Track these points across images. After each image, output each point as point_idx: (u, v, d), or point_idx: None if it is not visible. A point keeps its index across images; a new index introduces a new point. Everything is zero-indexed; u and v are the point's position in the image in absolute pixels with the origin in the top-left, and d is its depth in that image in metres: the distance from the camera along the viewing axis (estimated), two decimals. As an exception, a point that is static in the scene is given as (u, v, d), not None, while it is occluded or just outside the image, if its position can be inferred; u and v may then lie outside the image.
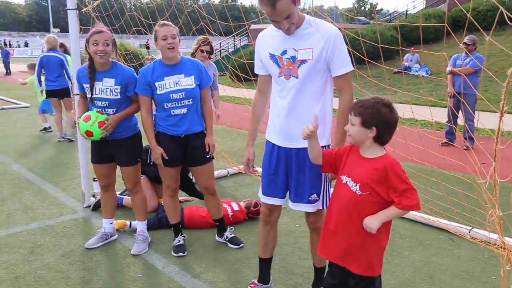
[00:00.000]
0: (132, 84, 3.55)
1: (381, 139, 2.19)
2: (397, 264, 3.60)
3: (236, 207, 4.38)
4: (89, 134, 3.48)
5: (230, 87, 11.48)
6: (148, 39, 42.52)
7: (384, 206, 2.18)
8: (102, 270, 3.49)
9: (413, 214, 4.37)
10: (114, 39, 3.55)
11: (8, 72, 24.64)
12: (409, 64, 17.07)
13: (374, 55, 8.85)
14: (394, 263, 3.62)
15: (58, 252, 3.79)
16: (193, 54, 5.17)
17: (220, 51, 24.61)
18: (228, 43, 25.65)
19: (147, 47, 43.31)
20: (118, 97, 3.53)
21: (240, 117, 6.93)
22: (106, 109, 3.56)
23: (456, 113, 7.33)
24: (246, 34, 25.33)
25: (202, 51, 5.15)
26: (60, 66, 7.91)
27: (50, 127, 8.98)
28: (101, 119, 3.49)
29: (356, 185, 2.21)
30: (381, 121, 2.14)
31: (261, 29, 2.85)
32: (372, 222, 2.15)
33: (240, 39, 25.92)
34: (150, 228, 4.09)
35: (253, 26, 16.97)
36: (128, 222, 4.20)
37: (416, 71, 16.33)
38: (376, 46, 4.10)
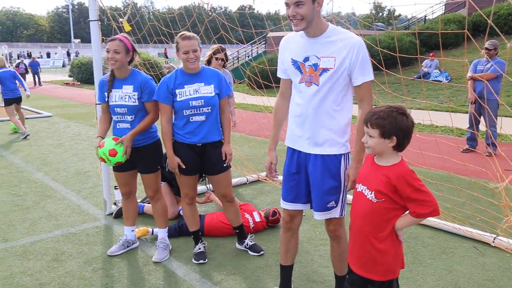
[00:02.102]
0: (146, 90, 3.59)
1: (401, 146, 2.21)
2: (419, 272, 3.55)
3: (257, 218, 4.35)
4: (112, 153, 3.54)
5: (248, 94, 11.51)
6: (165, 48, 43.02)
7: (400, 211, 2.20)
8: (124, 277, 3.54)
9: (435, 222, 4.32)
10: (127, 47, 3.57)
11: (25, 83, 24.85)
12: (428, 70, 16.87)
13: (392, 61, 8.77)
14: (416, 271, 3.57)
15: (81, 259, 3.84)
16: (208, 62, 5.22)
17: (238, 58, 24.76)
18: (246, 50, 25.78)
19: (166, 56, 43.84)
20: (136, 103, 3.60)
21: (259, 124, 6.94)
22: (125, 116, 3.63)
23: (478, 118, 7.23)
24: (264, 42, 25.44)
25: (217, 59, 5.20)
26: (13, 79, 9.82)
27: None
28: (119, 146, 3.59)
29: (371, 193, 2.22)
30: (400, 129, 2.16)
31: (280, 37, 2.86)
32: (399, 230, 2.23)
33: (257, 47, 26.04)
34: (171, 235, 4.12)
35: (271, 34, 17.06)
36: (150, 229, 4.25)
37: (436, 77, 16.14)
38: (393, 52, 4.08)
